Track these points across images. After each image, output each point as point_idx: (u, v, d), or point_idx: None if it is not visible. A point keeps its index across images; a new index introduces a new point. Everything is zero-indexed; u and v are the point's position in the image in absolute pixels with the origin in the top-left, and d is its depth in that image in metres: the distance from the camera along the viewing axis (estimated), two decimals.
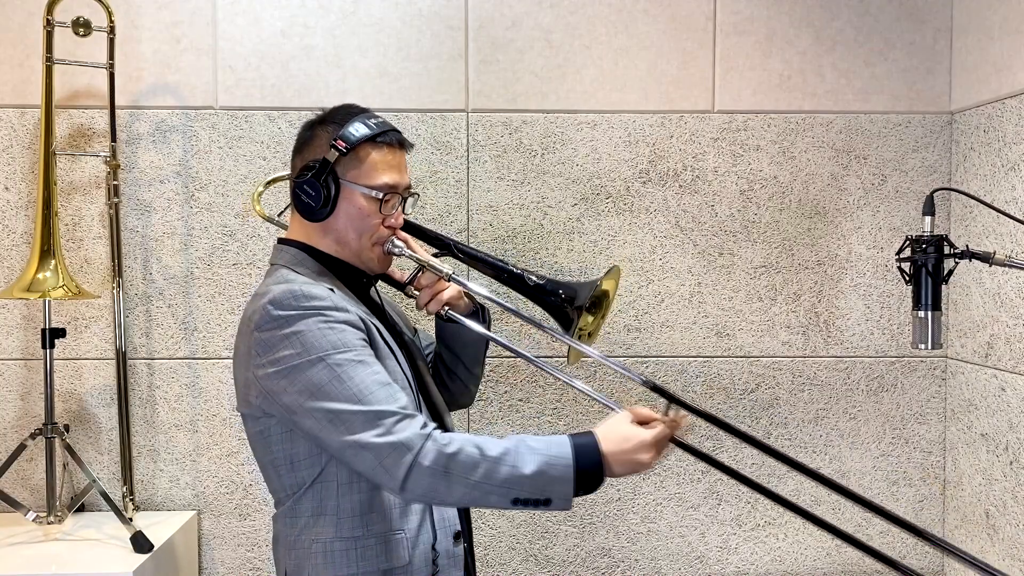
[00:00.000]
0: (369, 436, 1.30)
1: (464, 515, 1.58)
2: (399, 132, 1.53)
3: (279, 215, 1.83)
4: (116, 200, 2.26)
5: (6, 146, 2.33)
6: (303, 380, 1.34)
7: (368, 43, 2.36)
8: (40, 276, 2.10)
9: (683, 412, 1.42)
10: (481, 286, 1.61)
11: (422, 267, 1.57)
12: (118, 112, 2.28)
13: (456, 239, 1.69)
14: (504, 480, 1.29)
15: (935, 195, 1.52)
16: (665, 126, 2.40)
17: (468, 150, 2.38)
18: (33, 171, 2.32)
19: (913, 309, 1.51)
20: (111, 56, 2.24)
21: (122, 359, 2.28)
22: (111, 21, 2.22)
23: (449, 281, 1.57)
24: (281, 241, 1.55)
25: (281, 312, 1.37)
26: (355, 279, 1.54)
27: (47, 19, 2.15)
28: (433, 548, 1.47)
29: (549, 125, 2.39)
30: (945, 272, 1.49)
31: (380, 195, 1.48)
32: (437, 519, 1.49)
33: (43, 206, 2.13)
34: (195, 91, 2.35)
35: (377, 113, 2.33)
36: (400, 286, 1.62)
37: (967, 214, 2.34)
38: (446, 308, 1.58)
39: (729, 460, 2.41)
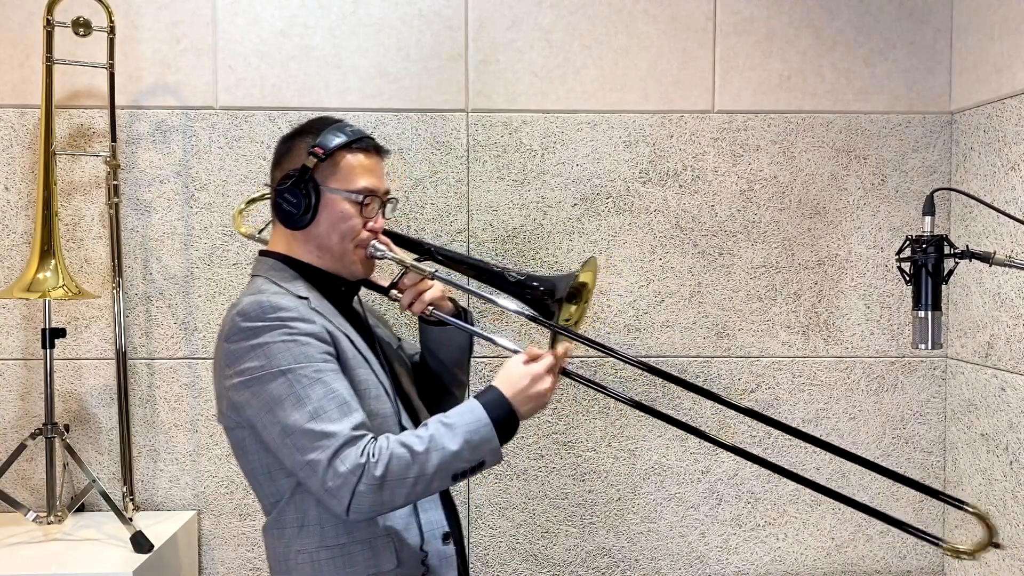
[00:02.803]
0: (316, 461, 1.33)
1: (451, 516, 1.59)
2: (374, 139, 1.56)
3: (260, 232, 1.83)
4: (116, 200, 2.26)
5: (6, 146, 2.33)
6: (264, 393, 1.37)
7: (368, 43, 2.36)
8: (40, 276, 2.10)
9: (567, 342, 1.52)
10: (464, 281, 1.64)
11: (405, 268, 1.58)
12: (118, 112, 2.28)
13: (435, 243, 1.71)
14: (437, 466, 1.34)
15: (935, 195, 1.52)
16: (665, 126, 2.40)
17: (468, 150, 2.38)
18: (33, 171, 2.32)
19: (913, 309, 1.51)
20: (111, 56, 2.24)
21: (122, 359, 2.28)
22: (111, 21, 2.22)
23: (432, 279, 1.58)
24: (262, 253, 1.57)
25: (248, 324, 1.39)
26: (334, 288, 1.55)
27: (47, 19, 2.15)
28: (421, 549, 1.48)
29: (549, 125, 2.39)
30: (945, 272, 1.49)
31: (360, 198, 1.50)
32: (424, 521, 1.50)
33: (43, 206, 2.13)
34: (195, 91, 2.35)
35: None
36: (383, 290, 1.63)
37: (967, 214, 2.34)
38: (430, 308, 1.59)
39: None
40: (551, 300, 1.60)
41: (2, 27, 2.32)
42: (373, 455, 1.32)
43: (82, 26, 2.17)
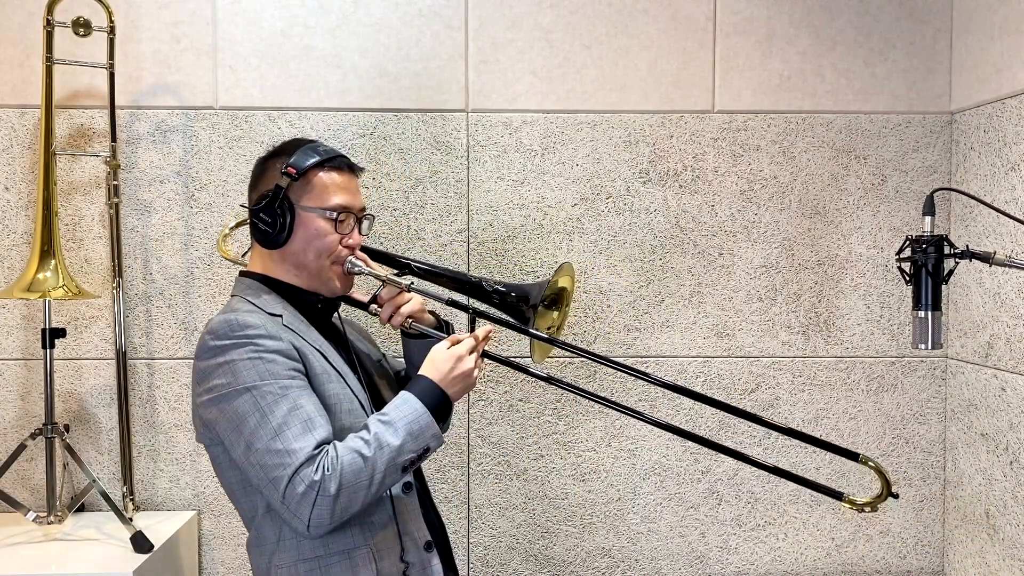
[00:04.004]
0: (277, 479, 1.34)
1: (435, 525, 1.60)
2: (347, 158, 1.58)
3: (243, 255, 1.83)
4: (116, 200, 2.26)
5: (6, 146, 2.33)
6: (230, 410, 1.39)
7: (368, 43, 2.36)
8: (40, 276, 2.10)
9: (488, 325, 1.60)
10: (444, 292, 1.68)
11: (383, 282, 1.59)
12: (118, 112, 2.28)
13: (413, 258, 1.73)
14: (387, 463, 1.38)
15: (935, 195, 1.52)
16: (665, 126, 2.40)
17: (468, 150, 2.38)
18: (33, 171, 2.32)
19: (913, 309, 1.51)
20: (111, 56, 2.24)
21: (122, 359, 2.28)
22: (111, 21, 2.22)
23: (409, 291, 1.60)
24: (242, 274, 1.59)
25: (216, 342, 1.42)
26: (310, 306, 1.56)
27: (47, 19, 2.15)
28: (402, 560, 1.49)
29: (549, 125, 2.39)
30: (945, 272, 1.49)
31: (334, 215, 1.52)
32: (404, 531, 1.51)
33: (43, 206, 2.13)
34: (195, 91, 2.35)
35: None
36: (363, 305, 1.64)
37: (967, 214, 2.34)
38: (410, 321, 1.60)
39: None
40: (526, 307, 1.65)
41: (2, 27, 2.32)
42: (328, 469, 1.34)
43: (82, 26, 2.17)
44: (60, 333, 2.20)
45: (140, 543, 2.03)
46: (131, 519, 2.12)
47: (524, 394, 2.40)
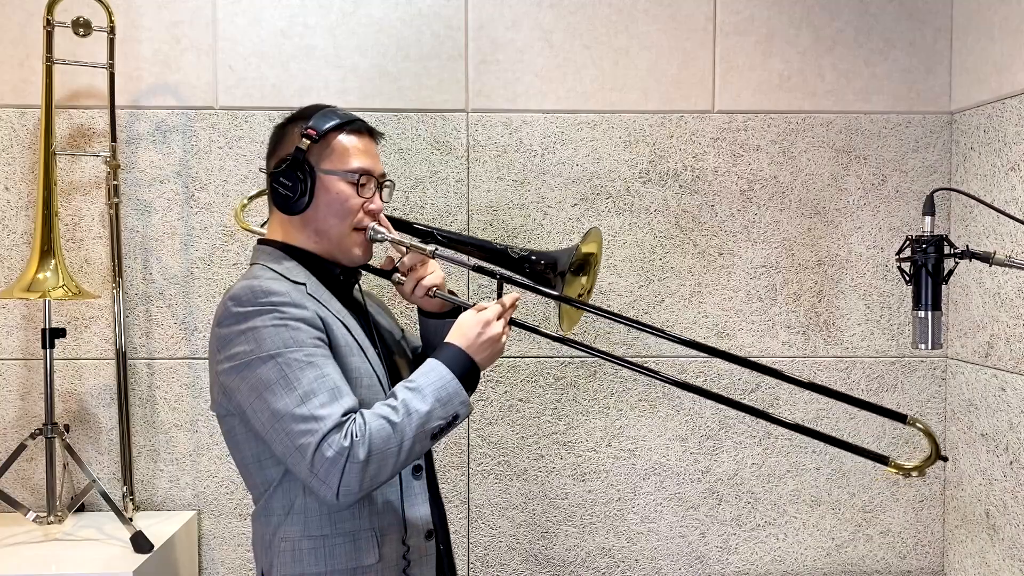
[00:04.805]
0: (304, 445, 1.32)
1: (438, 515, 1.59)
2: (366, 122, 1.56)
3: (262, 226, 1.83)
4: (116, 200, 2.26)
5: (6, 146, 2.33)
6: (253, 378, 1.36)
7: (368, 43, 2.37)
8: (40, 276, 2.10)
9: (515, 292, 1.55)
10: (468, 260, 1.64)
11: (406, 250, 1.57)
12: (118, 112, 2.28)
13: (435, 226, 1.69)
14: (416, 429, 1.36)
15: (935, 195, 1.52)
16: (665, 126, 2.40)
17: (468, 150, 2.38)
18: (33, 171, 2.32)
19: (913, 309, 1.51)
20: (111, 56, 2.24)
21: (122, 359, 2.28)
22: (111, 21, 2.22)
23: (433, 257, 1.56)
24: (261, 242, 1.57)
25: (239, 308, 1.39)
26: (331, 275, 1.54)
27: (47, 19, 2.15)
28: (403, 543, 1.48)
29: (549, 125, 2.39)
30: (945, 272, 1.49)
31: (355, 178, 1.50)
32: (409, 517, 1.50)
33: (43, 206, 2.13)
34: (195, 91, 2.35)
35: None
36: (386, 274, 1.62)
37: (967, 214, 2.34)
38: (434, 289, 1.58)
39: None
40: (553, 274, 1.60)
41: (2, 27, 2.32)
42: (356, 435, 1.32)
43: (82, 26, 2.17)
44: (60, 333, 2.20)
45: (140, 543, 2.03)
46: (131, 519, 2.12)
47: (524, 394, 2.40)
